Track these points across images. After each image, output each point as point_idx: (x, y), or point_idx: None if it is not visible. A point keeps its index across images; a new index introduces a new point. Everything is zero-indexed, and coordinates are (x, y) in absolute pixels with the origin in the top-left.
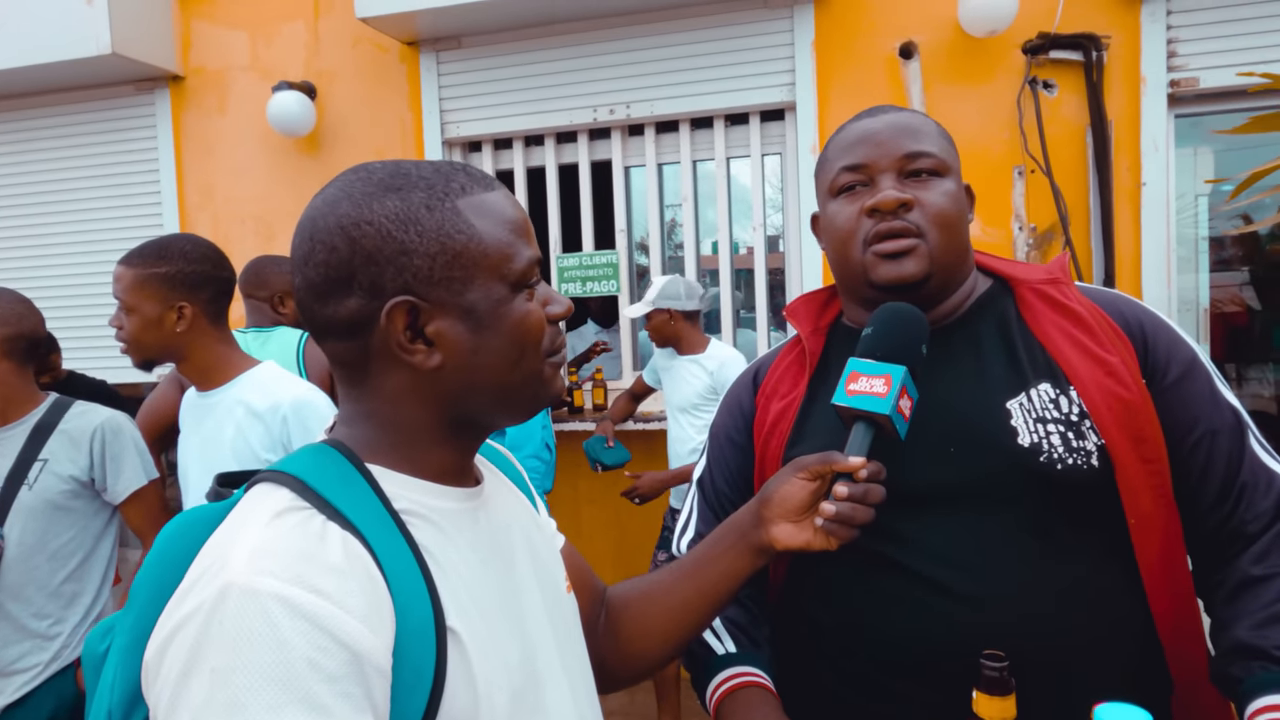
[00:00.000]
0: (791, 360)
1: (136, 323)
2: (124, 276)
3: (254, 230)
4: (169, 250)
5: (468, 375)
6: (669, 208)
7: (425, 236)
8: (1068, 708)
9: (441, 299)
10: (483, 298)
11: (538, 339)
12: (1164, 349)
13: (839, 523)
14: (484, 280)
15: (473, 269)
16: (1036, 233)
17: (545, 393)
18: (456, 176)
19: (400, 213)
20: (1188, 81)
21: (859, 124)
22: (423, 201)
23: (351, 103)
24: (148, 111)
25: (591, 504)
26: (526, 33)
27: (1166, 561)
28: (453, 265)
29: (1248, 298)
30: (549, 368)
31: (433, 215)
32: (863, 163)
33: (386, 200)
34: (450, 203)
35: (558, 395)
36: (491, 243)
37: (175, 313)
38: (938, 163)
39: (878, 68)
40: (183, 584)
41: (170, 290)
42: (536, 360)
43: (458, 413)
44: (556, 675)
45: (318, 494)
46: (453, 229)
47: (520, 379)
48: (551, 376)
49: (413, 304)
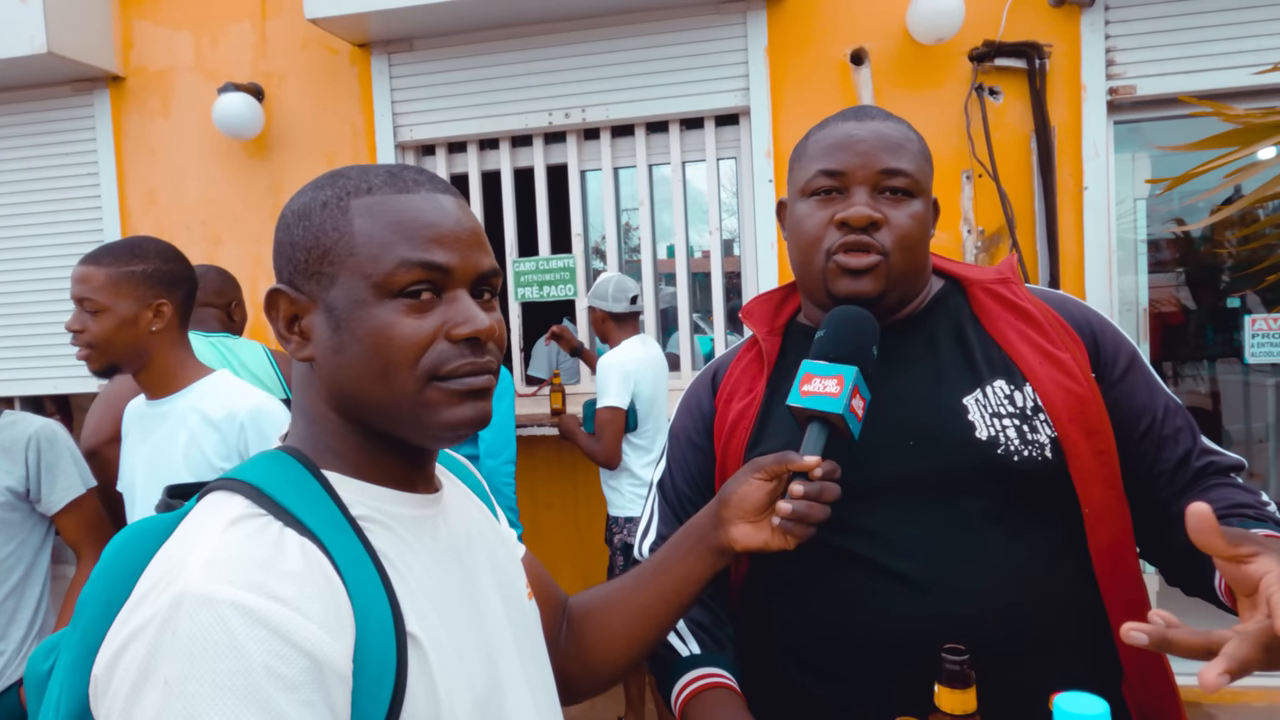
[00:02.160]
0: (749, 361)
1: (109, 323)
2: (94, 276)
3: (200, 236)
4: (143, 249)
5: (336, 376)
6: (625, 212)
7: (308, 231)
8: (1026, 697)
9: (312, 292)
10: (342, 297)
11: (405, 354)
12: (1110, 346)
13: (795, 521)
14: (346, 279)
15: (338, 266)
16: (984, 235)
17: (429, 418)
18: (378, 177)
19: (301, 207)
20: (1125, 89)
21: (844, 126)
22: (325, 198)
23: (301, 105)
24: (86, 113)
25: (549, 509)
26: (480, 35)
27: (1117, 551)
28: (321, 260)
29: (1183, 298)
30: (435, 391)
31: (323, 212)
32: (840, 170)
33: (304, 195)
34: (346, 201)
35: (450, 425)
36: (361, 243)
37: (152, 311)
38: (912, 183)
39: (830, 73)
40: (133, 596)
41: (148, 288)
42: (406, 379)
43: (353, 415)
44: (518, 682)
45: (274, 500)
46: (330, 226)
47: (390, 396)
48: (438, 401)
49: (284, 292)
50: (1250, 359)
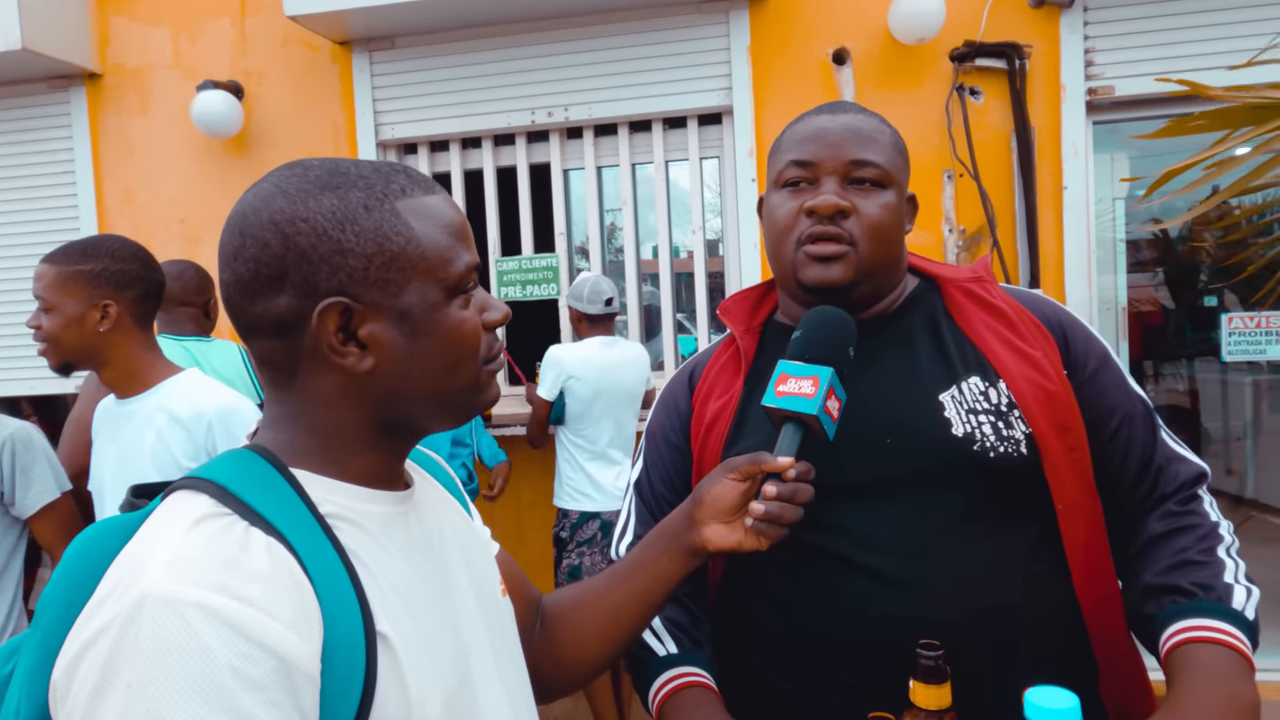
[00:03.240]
0: (727, 359)
1: (57, 322)
2: (46, 274)
3: (178, 234)
4: (96, 248)
5: (401, 380)
6: (609, 211)
7: (362, 237)
8: (1001, 692)
9: (376, 301)
10: (418, 301)
11: (474, 345)
12: (1081, 344)
13: (768, 522)
14: (420, 284)
15: (409, 272)
16: (965, 235)
17: (480, 399)
18: (396, 177)
19: (337, 211)
20: (1104, 89)
21: (817, 119)
22: (361, 201)
23: (281, 103)
24: (62, 110)
25: (533, 508)
26: (462, 33)
27: (1091, 547)
28: (389, 267)
29: (1162, 298)
30: (485, 375)
31: (370, 215)
32: (810, 160)
33: (323, 198)
34: (389, 204)
35: (492, 402)
36: (429, 246)
37: (99, 311)
38: (882, 174)
39: (812, 73)
40: (94, 598)
41: (94, 288)
42: (473, 367)
43: (389, 417)
44: (491, 679)
45: (239, 499)
46: (390, 230)
47: (457, 386)
48: (487, 383)
49: (346, 305)
50: (1227, 357)
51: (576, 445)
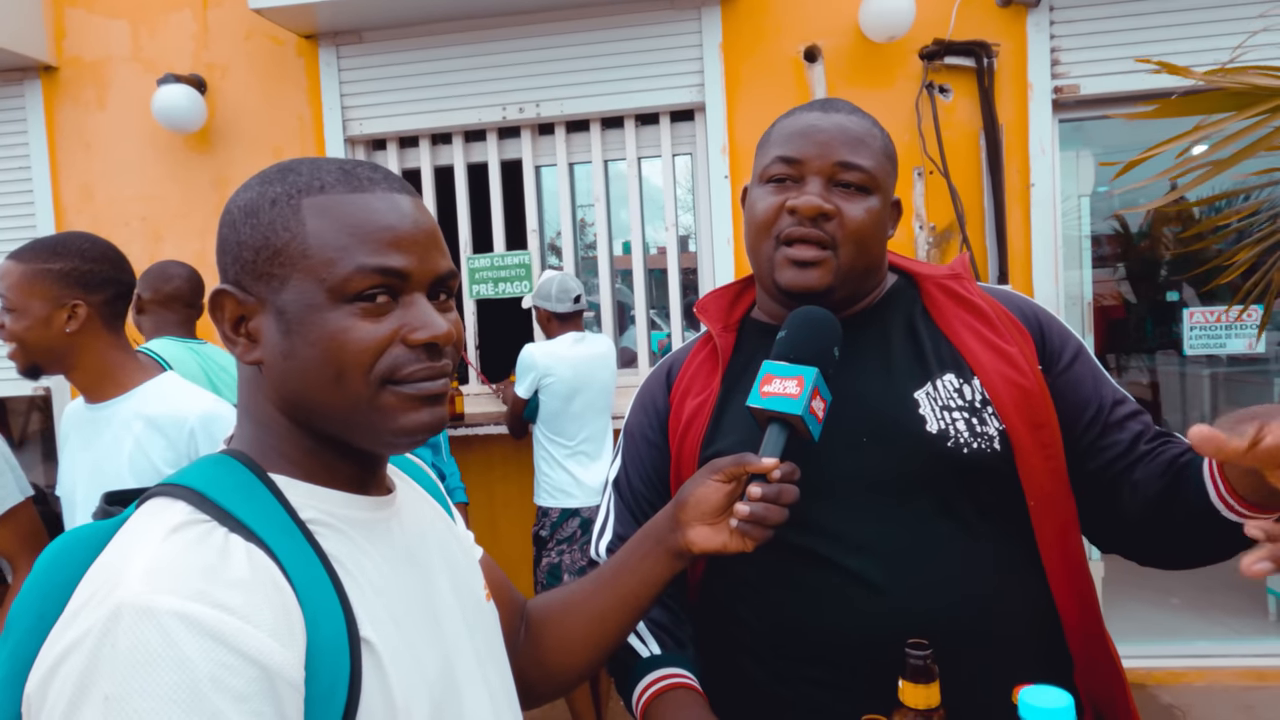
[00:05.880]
0: (704, 357)
1: (21, 323)
2: (11, 273)
3: (140, 232)
4: (65, 246)
5: (286, 380)
6: (581, 208)
7: (257, 229)
8: (984, 690)
9: (261, 294)
10: (294, 300)
11: (359, 359)
12: (1056, 339)
13: (753, 523)
14: (299, 282)
15: (289, 268)
16: (936, 231)
17: (384, 423)
18: (330, 174)
19: (249, 204)
20: (1070, 88)
21: (808, 115)
22: (274, 195)
23: (245, 98)
24: (16, 104)
25: (508, 508)
26: (432, 28)
27: (1064, 541)
28: (272, 262)
29: (1125, 292)
30: (390, 396)
31: (273, 210)
32: (797, 158)
33: (252, 190)
34: (297, 200)
35: (406, 431)
36: (315, 244)
37: (66, 312)
38: (868, 178)
39: (784, 70)
40: (68, 608)
41: (62, 288)
42: (360, 384)
43: (303, 419)
44: (476, 685)
45: (218, 505)
46: (281, 225)
47: (343, 401)
48: (394, 406)
49: (231, 294)
50: (1189, 351)
51: (554, 443)
